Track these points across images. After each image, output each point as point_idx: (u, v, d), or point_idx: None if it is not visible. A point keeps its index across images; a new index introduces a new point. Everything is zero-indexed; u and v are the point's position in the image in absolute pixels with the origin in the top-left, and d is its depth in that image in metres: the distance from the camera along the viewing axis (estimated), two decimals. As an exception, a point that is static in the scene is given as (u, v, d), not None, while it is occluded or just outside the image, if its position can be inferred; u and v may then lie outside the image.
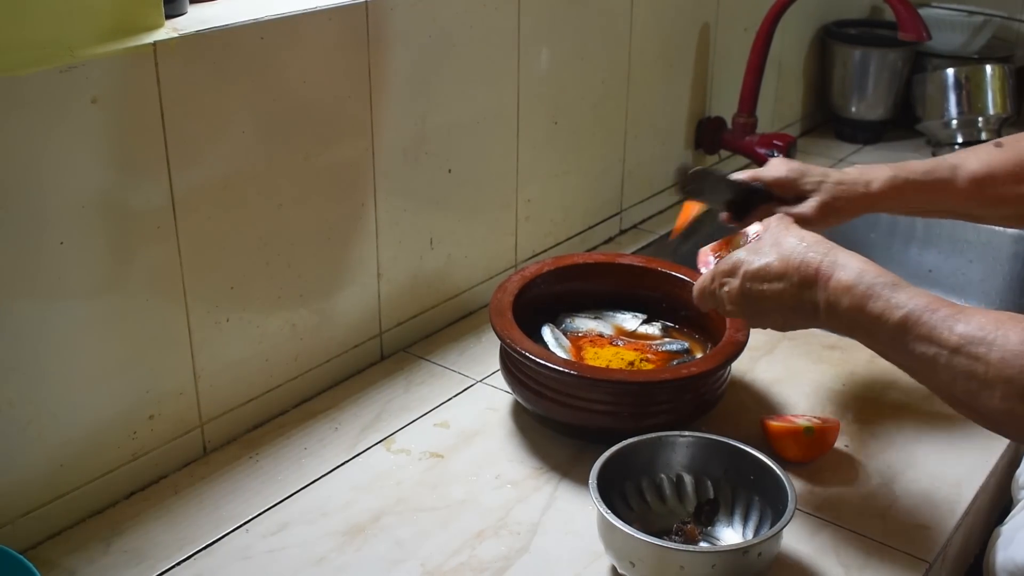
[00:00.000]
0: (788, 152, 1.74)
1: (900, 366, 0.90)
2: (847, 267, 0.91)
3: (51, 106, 0.89)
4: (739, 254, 0.99)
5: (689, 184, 1.14)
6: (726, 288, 0.99)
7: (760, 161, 1.76)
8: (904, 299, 0.87)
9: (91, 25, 0.91)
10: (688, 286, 1.23)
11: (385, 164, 1.21)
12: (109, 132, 0.93)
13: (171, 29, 0.97)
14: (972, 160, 1.13)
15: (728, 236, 1.08)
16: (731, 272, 0.99)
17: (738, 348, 1.11)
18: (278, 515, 1.02)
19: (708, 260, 1.07)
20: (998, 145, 1.13)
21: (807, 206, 1.13)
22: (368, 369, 1.26)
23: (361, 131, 1.17)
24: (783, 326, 0.98)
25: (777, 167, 1.16)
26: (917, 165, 1.14)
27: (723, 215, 1.19)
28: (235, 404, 1.12)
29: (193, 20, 1.01)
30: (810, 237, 0.96)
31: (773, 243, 0.97)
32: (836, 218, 1.14)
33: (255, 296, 1.11)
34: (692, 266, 1.26)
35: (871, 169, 1.15)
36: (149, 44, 0.94)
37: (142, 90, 0.95)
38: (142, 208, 0.98)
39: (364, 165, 1.18)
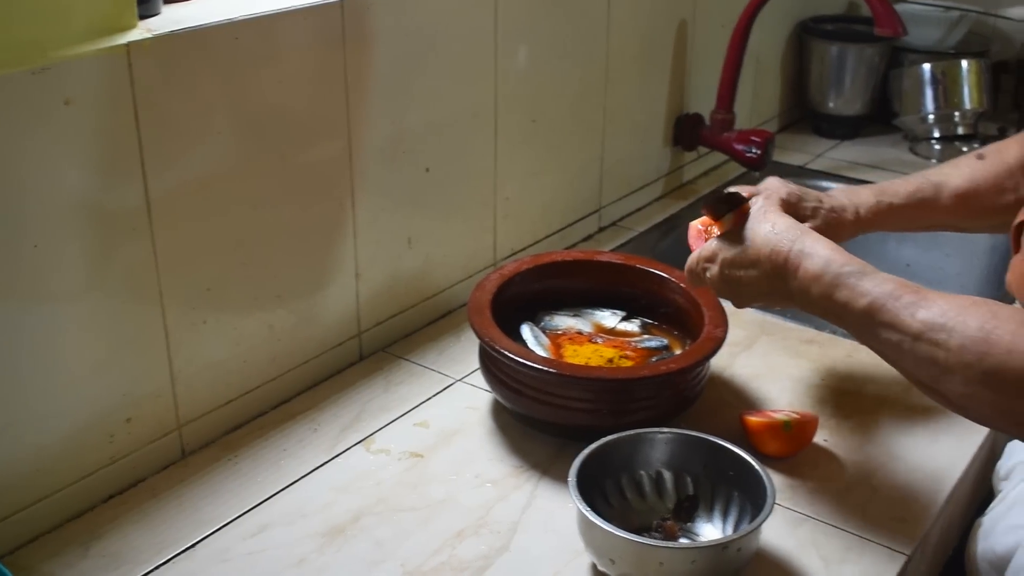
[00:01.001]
0: (766, 148, 1.74)
1: (872, 351, 0.91)
2: (814, 256, 0.93)
3: (24, 108, 0.88)
4: (718, 239, 1.01)
5: (720, 207, 1.12)
6: (708, 274, 1.03)
7: (738, 158, 1.77)
8: (869, 287, 0.89)
9: (64, 26, 0.90)
10: (667, 283, 1.24)
11: (363, 164, 1.20)
12: (83, 134, 0.93)
13: (144, 30, 0.96)
14: (955, 176, 1.13)
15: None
16: (711, 258, 1.02)
17: (717, 344, 1.11)
18: (257, 517, 1.01)
19: (697, 236, 1.08)
20: (980, 157, 1.14)
21: None
22: (347, 369, 1.26)
23: (338, 131, 1.16)
24: (768, 305, 1.01)
25: (776, 188, 1.15)
26: (900, 187, 1.14)
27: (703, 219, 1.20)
28: (213, 406, 1.11)
29: (167, 20, 1.00)
30: (782, 223, 0.97)
31: (750, 227, 0.99)
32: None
33: (232, 297, 1.10)
34: (673, 263, 1.27)
35: (856, 193, 1.14)
36: (123, 45, 0.94)
37: (116, 91, 0.94)
38: (117, 209, 0.97)
39: (341, 165, 1.18)
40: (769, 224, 0.97)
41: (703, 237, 1.07)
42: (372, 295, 1.27)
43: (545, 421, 1.10)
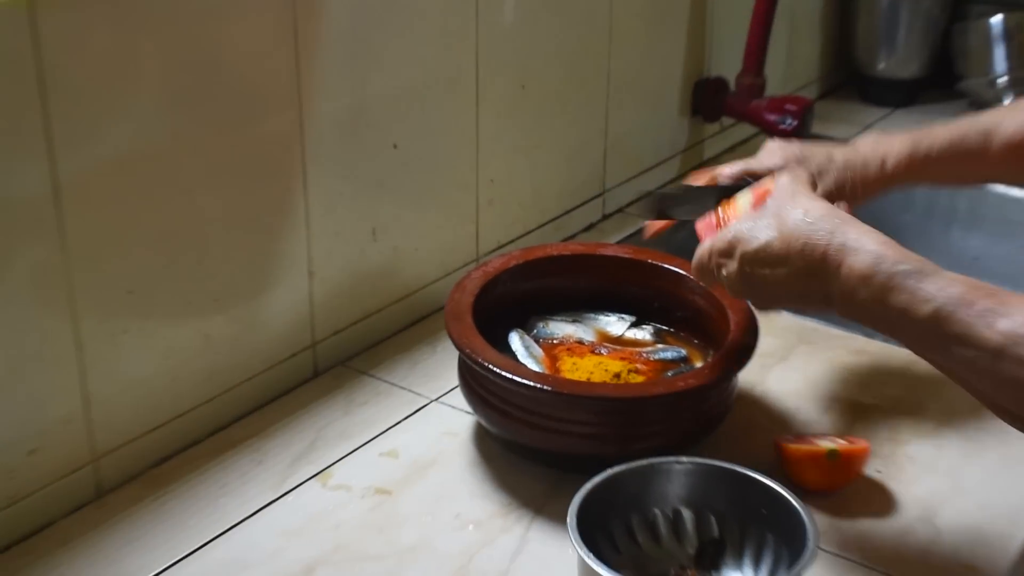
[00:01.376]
0: (803, 119, 1.74)
1: (935, 367, 0.90)
2: (861, 251, 0.91)
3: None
4: (736, 228, 0.99)
5: (660, 207, 1.14)
6: (724, 271, 1.00)
7: (770, 130, 1.76)
8: (932, 290, 0.87)
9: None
10: (685, 282, 1.23)
11: (317, 139, 1.20)
12: (-26, 104, 0.92)
13: (50, -23, 0.96)
14: (1009, 121, 1.12)
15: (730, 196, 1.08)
16: (727, 252, 0.99)
17: (745, 355, 1.11)
18: (190, 568, 1.01)
19: (708, 224, 1.08)
20: None
21: None
22: (299, 388, 1.25)
23: (287, 99, 1.16)
24: (796, 309, 0.99)
25: (772, 154, 1.15)
26: (941, 133, 1.13)
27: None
28: (136, 434, 1.11)
29: (78, -34, 1.00)
30: (817, 209, 0.95)
31: (775, 213, 0.97)
32: (847, 204, 1.14)
33: (159, 302, 1.10)
34: (690, 256, 1.26)
35: (885, 142, 1.14)
36: (23, -4, 0.93)
37: (15, 53, 0.93)
38: (17, 197, 0.96)
39: (291, 141, 1.18)
40: (800, 210, 0.95)
41: (715, 225, 1.07)
42: (329, 297, 1.27)
43: (539, 449, 1.10)
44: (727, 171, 1.16)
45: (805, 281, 0.94)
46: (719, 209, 1.08)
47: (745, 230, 0.98)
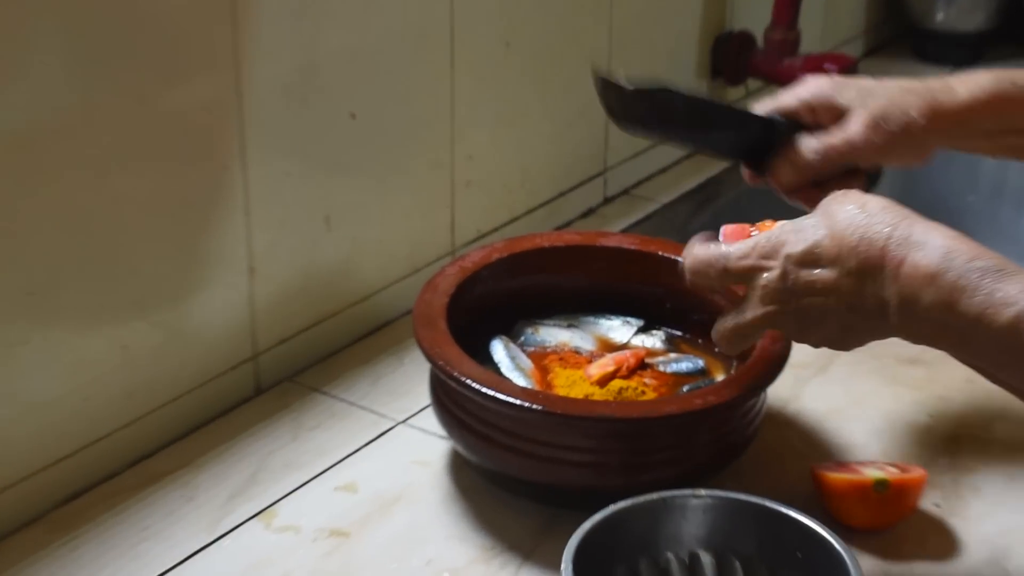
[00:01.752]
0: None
1: (1013, 390, 0.89)
2: (927, 245, 0.90)
3: None
4: (781, 228, 0.98)
5: (625, 104, 1.09)
6: (764, 277, 0.98)
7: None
8: (1015, 292, 0.86)
9: None
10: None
11: (258, 108, 1.20)
12: None
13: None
14: None
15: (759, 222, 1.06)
16: (771, 254, 0.98)
17: (776, 365, 1.10)
18: (105, 628, 1.00)
19: (739, 230, 1.06)
20: None
21: (850, 127, 1.12)
22: (237, 409, 1.26)
23: (220, 59, 1.16)
24: (841, 338, 0.98)
25: (808, 86, 1.15)
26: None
27: (744, 171, 1.19)
28: (38, 466, 1.10)
29: None
30: (875, 202, 0.95)
31: (824, 212, 0.97)
32: (898, 144, 1.12)
33: (67, 305, 1.10)
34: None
35: (956, 77, 1.14)
36: None
37: None
38: None
39: (226, 110, 1.18)
40: (854, 205, 0.95)
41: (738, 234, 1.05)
42: (273, 300, 1.27)
43: (527, 481, 1.10)
44: (757, 112, 1.16)
45: (858, 284, 0.93)
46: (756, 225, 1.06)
47: (790, 229, 0.97)
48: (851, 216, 0.94)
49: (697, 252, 1.03)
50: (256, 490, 1.15)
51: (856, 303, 0.94)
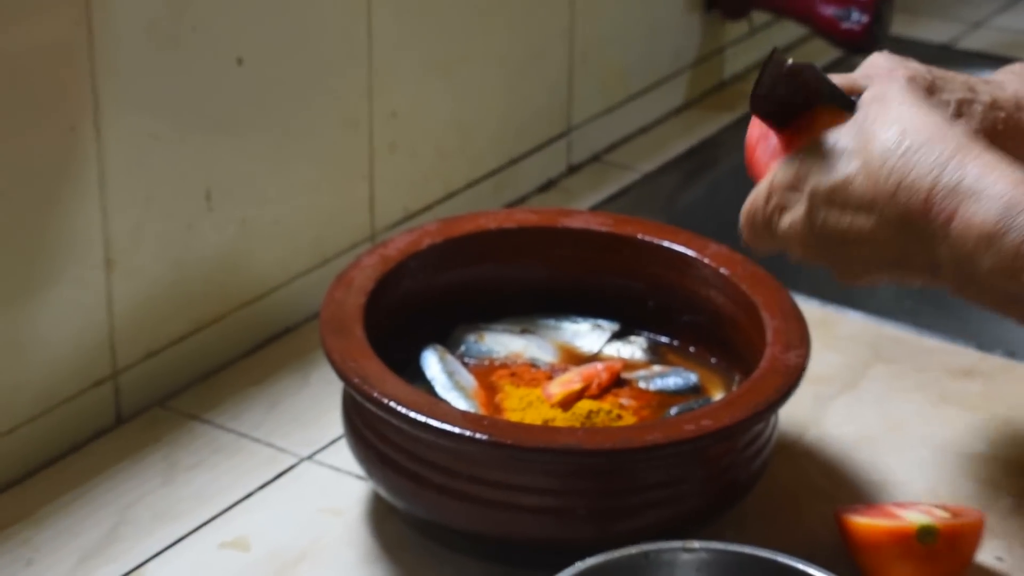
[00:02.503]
0: (877, 13, 1.75)
1: None
2: (983, 195, 0.91)
3: None
4: (807, 152, 1.00)
5: (783, 87, 1.09)
6: (787, 218, 1.00)
7: (826, 30, 1.77)
8: None
9: None
10: (696, 268, 1.24)
11: (115, 51, 1.20)
12: None
13: None
14: None
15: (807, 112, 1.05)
16: (793, 184, 1.00)
17: (790, 380, 1.11)
18: None
19: (764, 148, 1.07)
20: None
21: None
22: (92, 443, 1.25)
23: (65, -11, 1.16)
24: (900, 280, 1.00)
25: (891, 69, 1.15)
26: None
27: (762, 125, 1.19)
28: None
29: None
30: (924, 127, 0.95)
31: (860, 131, 0.97)
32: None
33: None
34: (708, 228, 1.26)
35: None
36: None
37: None
38: None
39: (73, 53, 1.17)
40: (896, 129, 0.95)
41: (782, 150, 1.06)
42: (138, 300, 1.27)
43: (471, 533, 1.10)
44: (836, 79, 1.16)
45: (901, 240, 0.95)
46: (794, 124, 1.05)
47: (817, 155, 0.98)
48: (888, 149, 0.95)
49: (743, 212, 1.05)
50: (116, 550, 1.14)
51: (901, 260, 0.96)
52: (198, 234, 1.30)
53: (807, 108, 1.03)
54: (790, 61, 1.02)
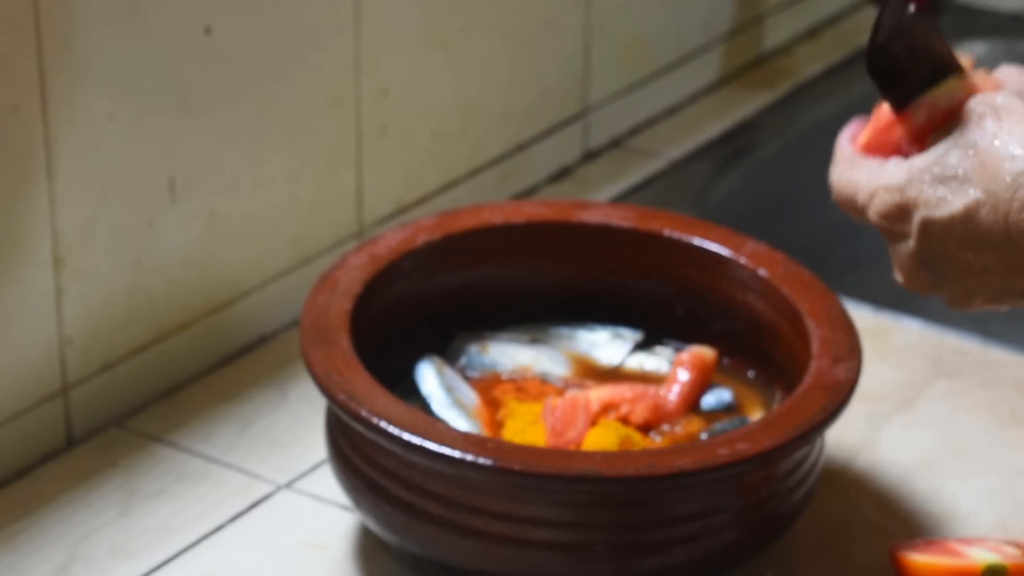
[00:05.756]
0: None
1: None
2: None
3: None
4: (912, 172, 0.98)
5: (903, 41, 1.08)
6: (902, 247, 1.00)
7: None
8: None
9: None
10: (732, 269, 1.24)
11: (64, 20, 1.19)
12: None
13: None
14: None
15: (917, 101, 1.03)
16: (899, 215, 1.00)
17: (837, 399, 1.10)
18: None
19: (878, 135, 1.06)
20: None
21: None
22: (38, 468, 1.25)
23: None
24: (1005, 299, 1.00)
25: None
26: None
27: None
28: None
29: None
30: None
31: (976, 153, 0.96)
32: None
33: None
34: (747, 224, 1.26)
35: None
36: None
37: None
38: None
39: (18, 23, 1.17)
40: (1019, 144, 0.96)
41: (884, 132, 1.05)
42: (92, 306, 1.27)
43: (475, 572, 1.10)
44: None
45: (1007, 279, 0.95)
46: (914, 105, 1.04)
47: (927, 180, 0.98)
48: (1017, 175, 0.95)
49: (841, 173, 1.04)
50: (67, 589, 1.15)
51: (1008, 292, 0.96)
52: (160, 229, 1.30)
53: (931, 82, 1.02)
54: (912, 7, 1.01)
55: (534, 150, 1.62)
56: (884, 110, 1.05)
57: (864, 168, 1.02)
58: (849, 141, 1.06)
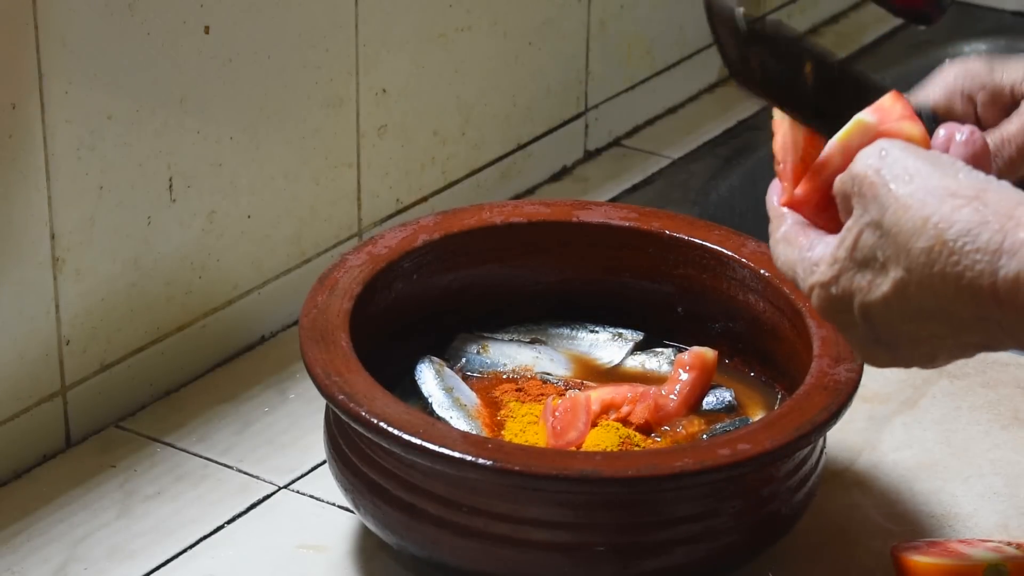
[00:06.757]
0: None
1: None
2: None
3: None
4: (837, 259, 0.99)
5: (750, 48, 1.09)
6: (852, 332, 1.00)
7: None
8: None
9: None
10: (731, 268, 1.24)
11: (62, 19, 1.20)
12: None
13: None
14: None
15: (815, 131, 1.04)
16: (840, 306, 0.99)
17: (839, 399, 1.11)
18: None
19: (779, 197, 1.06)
20: None
21: (1007, 129, 1.14)
22: (36, 469, 1.25)
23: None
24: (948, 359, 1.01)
25: (939, 81, 1.15)
26: None
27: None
28: None
29: None
30: (954, 208, 0.96)
31: (883, 225, 0.96)
32: None
33: None
34: (745, 224, 1.26)
35: None
36: None
37: None
38: None
39: (16, 22, 1.17)
40: (928, 224, 0.95)
41: (811, 195, 1.05)
42: (90, 306, 1.27)
43: (475, 573, 1.10)
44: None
45: (977, 329, 0.95)
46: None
47: (852, 268, 0.98)
48: (929, 252, 0.95)
49: (777, 253, 1.04)
50: (66, 590, 1.15)
51: (982, 343, 0.96)
52: (159, 229, 1.31)
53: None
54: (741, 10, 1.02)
55: (534, 150, 1.62)
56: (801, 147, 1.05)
57: (796, 248, 1.02)
58: (777, 196, 1.05)
